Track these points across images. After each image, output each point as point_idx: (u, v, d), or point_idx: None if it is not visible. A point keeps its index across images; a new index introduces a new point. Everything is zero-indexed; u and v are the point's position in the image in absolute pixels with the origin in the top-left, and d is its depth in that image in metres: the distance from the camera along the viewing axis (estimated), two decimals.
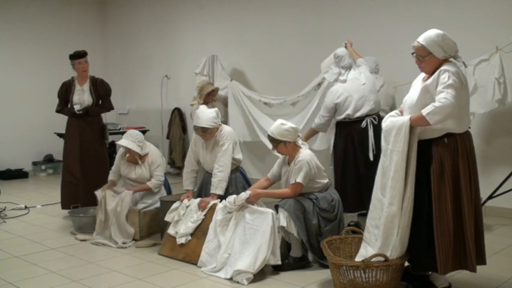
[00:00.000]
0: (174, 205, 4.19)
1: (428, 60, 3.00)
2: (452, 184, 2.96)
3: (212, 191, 4.09)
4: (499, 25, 4.93)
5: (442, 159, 2.96)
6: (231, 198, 3.81)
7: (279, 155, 3.97)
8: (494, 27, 4.95)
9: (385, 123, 3.11)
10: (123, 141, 4.55)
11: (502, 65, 4.60)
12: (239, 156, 4.28)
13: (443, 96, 2.83)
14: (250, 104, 6.21)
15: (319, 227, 3.66)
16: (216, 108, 4.28)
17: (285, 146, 3.77)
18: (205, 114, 4.10)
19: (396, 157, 2.97)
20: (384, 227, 3.03)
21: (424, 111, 2.87)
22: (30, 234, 4.83)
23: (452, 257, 2.97)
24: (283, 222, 3.59)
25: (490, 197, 4.77)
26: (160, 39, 8.52)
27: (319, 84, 5.40)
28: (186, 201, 4.16)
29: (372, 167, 4.37)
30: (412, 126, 2.95)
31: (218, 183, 4.07)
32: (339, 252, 3.48)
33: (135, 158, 4.62)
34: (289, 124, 3.77)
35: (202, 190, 4.39)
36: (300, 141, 3.83)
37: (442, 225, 2.95)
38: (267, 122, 5.90)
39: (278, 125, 3.78)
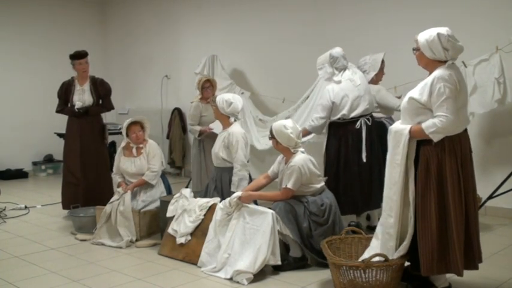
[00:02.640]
0: (174, 198, 4.22)
1: (418, 55, 3.08)
2: (437, 186, 2.95)
3: (233, 189, 4.11)
4: (499, 25, 4.93)
5: (428, 159, 2.96)
6: (226, 201, 3.82)
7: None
8: (494, 27, 4.95)
9: (389, 131, 3.14)
10: (136, 118, 4.71)
11: (502, 65, 4.60)
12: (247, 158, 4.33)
13: (444, 114, 2.87)
14: (249, 116, 6.25)
15: (309, 230, 3.66)
16: (238, 100, 4.33)
17: (276, 143, 3.80)
18: (225, 94, 4.46)
19: (395, 169, 2.99)
20: (382, 236, 3.07)
21: (427, 129, 2.90)
22: (30, 234, 4.83)
23: (437, 259, 2.94)
24: (277, 226, 3.60)
25: (490, 197, 4.77)
26: (160, 39, 8.52)
27: (308, 97, 5.48)
28: (185, 202, 4.16)
29: (364, 169, 4.37)
30: (411, 137, 2.98)
31: (239, 182, 4.11)
32: (339, 252, 3.48)
33: (139, 148, 4.69)
34: (290, 131, 3.72)
35: (208, 187, 4.42)
36: (292, 149, 3.77)
37: (424, 226, 2.94)
38: (258, 136, 5.96)
39: (281, 125, 3.78)
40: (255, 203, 3.90)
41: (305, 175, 3.68)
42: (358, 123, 4.35)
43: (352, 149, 4.37)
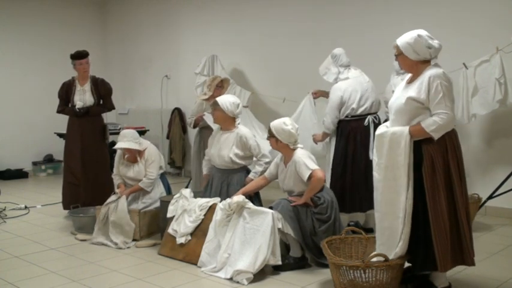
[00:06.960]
0: (174, 198, 4.22)
1: (401, 59, 3.11)
2: (445, 182, 2.98)
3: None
4: (499, 26, 4.92)
5: (433, 157, 2.97)
6: (226, 202, 3.83)
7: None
8: (494, 28, 4.95)
9: (377, 134, 3.12)
10: (122, 144, 4.55)
11: (502, 66, 4.61)
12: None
13: (443, 111, 2.90)
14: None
15: (313, 228, 3.66)
16: (237, 101, 4.30)
17: (276, 142, 3.80)
18: (227, 97, 4.37)
19: (398, 171, 2.97)
20: (387, 238, 3.06)
21: (427, 127, 2.92)
22: (30, 234, 4.83)
23: (450, 253, 2.97)
24: (278, 224, 3.60)
25: (490, 197, 4.77)
26: (160, 39, 8.52)
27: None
28: (185, 202, 4.16)
29: (371, 167, 4.37)
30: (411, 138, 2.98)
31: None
32: (338, 252, 3.48)
33: (135, 157, 4.63)
34: (290, 127, 3.75)
35: (211, 190, 4.40)
36: (292, 146, 3.79)
37: (438, 224, 2.95)
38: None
39: (280, 122, 3.79)
40: (252, 201, 3.89)
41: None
42: (366, 120, 4.38)
43: (360, 146, 4.38)
